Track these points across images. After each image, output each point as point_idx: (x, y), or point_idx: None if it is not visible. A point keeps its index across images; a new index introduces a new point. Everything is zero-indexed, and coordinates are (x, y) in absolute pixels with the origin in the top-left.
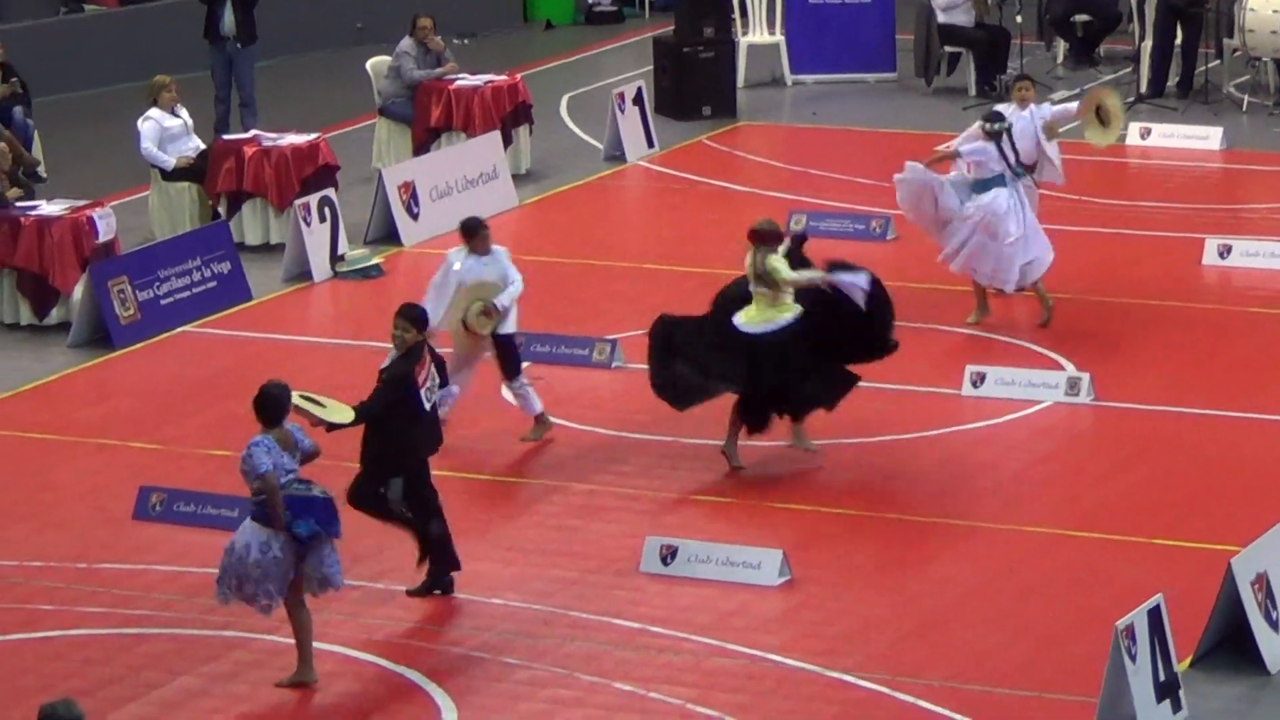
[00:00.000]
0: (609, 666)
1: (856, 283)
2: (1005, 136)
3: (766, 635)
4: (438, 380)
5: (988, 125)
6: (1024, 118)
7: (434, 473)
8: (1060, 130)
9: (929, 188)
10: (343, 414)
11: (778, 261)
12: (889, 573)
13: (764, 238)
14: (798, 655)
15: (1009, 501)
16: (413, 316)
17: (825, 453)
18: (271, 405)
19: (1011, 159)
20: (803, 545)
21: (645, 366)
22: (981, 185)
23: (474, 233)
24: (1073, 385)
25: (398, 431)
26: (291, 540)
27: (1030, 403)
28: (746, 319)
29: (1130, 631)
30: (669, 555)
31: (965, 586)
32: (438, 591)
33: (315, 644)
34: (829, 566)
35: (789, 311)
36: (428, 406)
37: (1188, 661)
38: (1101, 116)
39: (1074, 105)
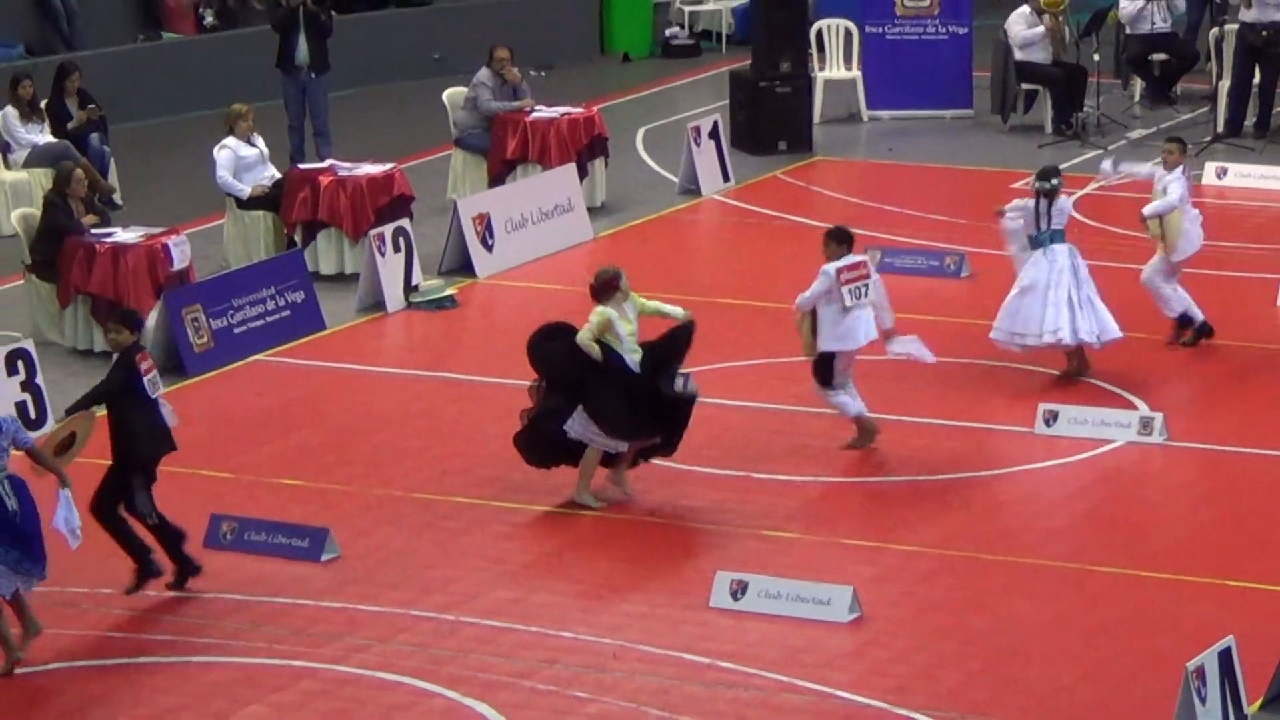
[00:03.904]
0: (677, 701)
1: None
2: (1049, 197)
3: (836, 672)
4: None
5: (1038, 183)
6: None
7: (515, 505)
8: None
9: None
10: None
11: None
12: (959, 610)
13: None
14: (867, 692)
15: (1080, 541)
16: (126, 320)
17: (893, 490)
18: None
19: (1045, 223)
20: (873, 581)
21: (717, 401)
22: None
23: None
24: (1145, 425)
25: (128, 420)
26: None
27: (1103, 442)
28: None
29: (1201, 673)
30: (739, 590)
31: (1035, 625)
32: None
33: (384, 674)
34: (899, 603)
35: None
36: (152, 394)
37: (1258, 704)
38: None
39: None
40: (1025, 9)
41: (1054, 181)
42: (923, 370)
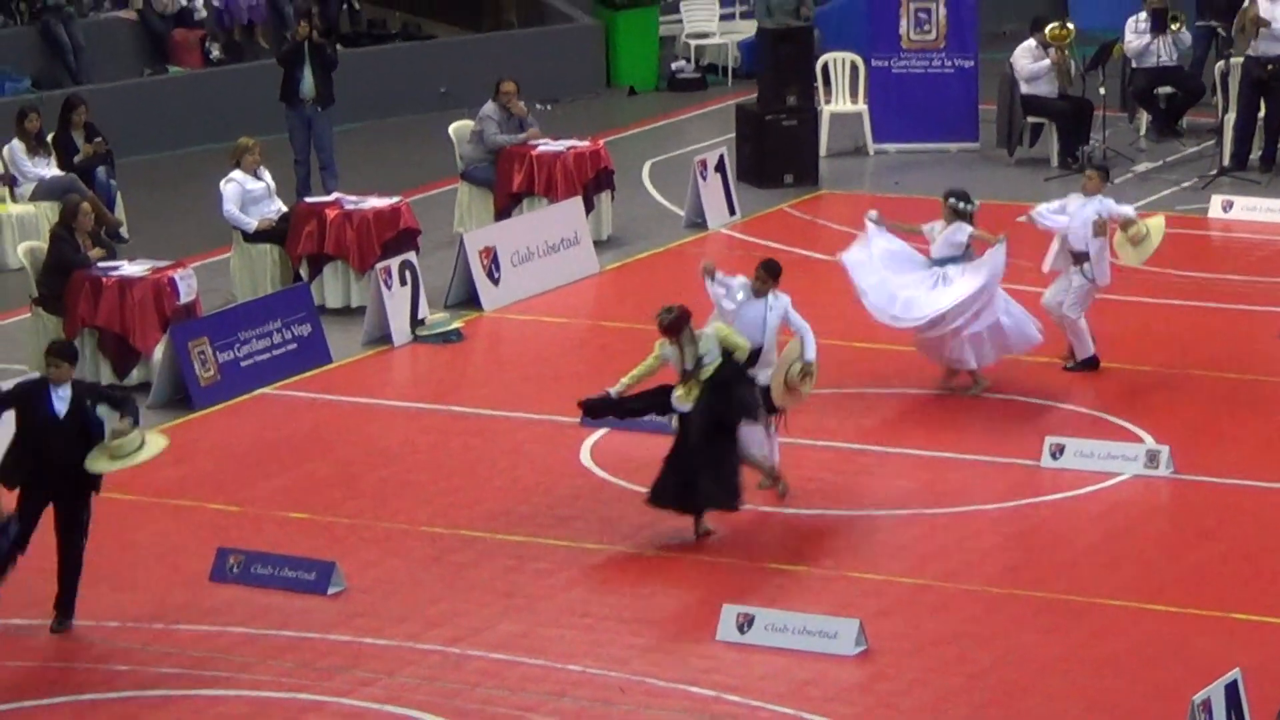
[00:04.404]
0: None
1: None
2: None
3: (843, 705)
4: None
5: (958, 204)
6: (1089, 206)
7: (523, 539)
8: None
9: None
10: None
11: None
12: (966, 644)
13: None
14: None
15: (1087, 574)
16: (63, 353)
17: (899, 523)
18: None
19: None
20: (880, 615)
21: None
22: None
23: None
24: (1152, 458)
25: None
26: None
27: (1109, 475)
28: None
29: (1207, 706)
30: (746, 623)
31: (1042, 658)
32: None
33: (390, 708)
34: (906, 637)
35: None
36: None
37: None
38: (1135, 240)
39: (1129, 213)
40: (1031, 42)
41: (971, 204)
42: (928, 403)
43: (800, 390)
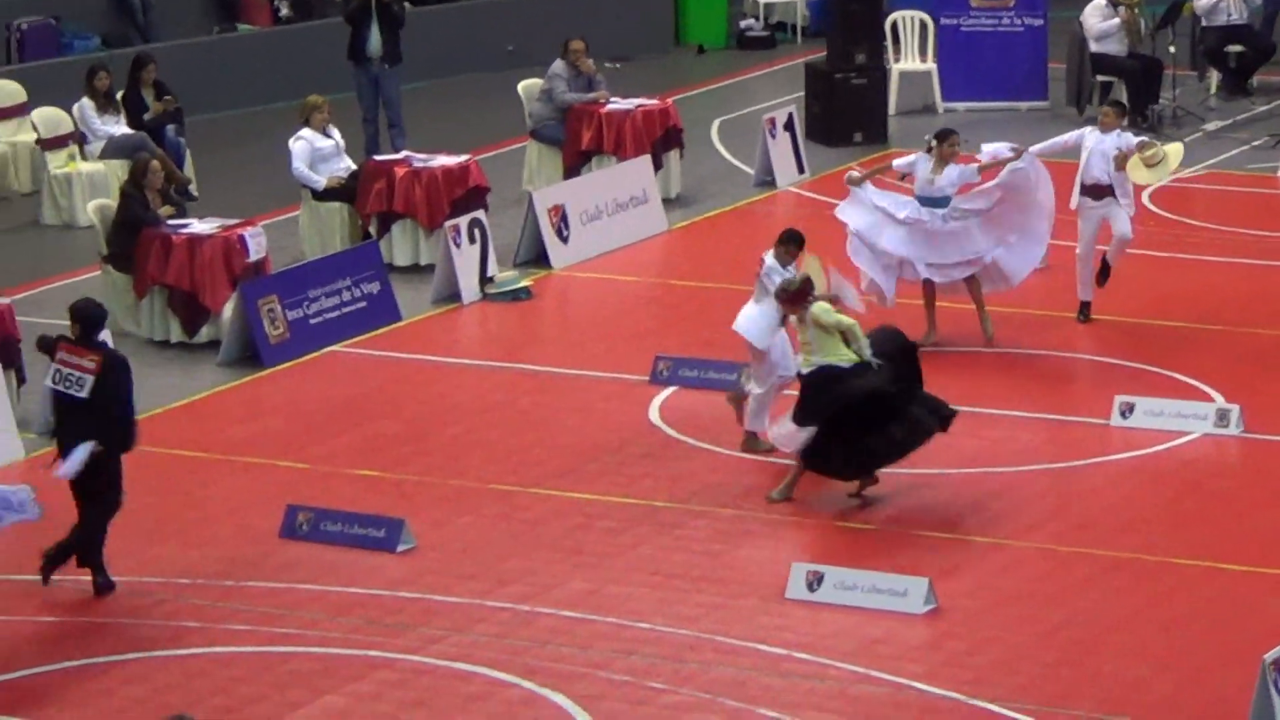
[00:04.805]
0: (754, 693)
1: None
2: None
3: (912, 663)
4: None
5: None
6: (1106, 140)
7: (592, 496)
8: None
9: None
10: None
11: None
12: (1035, 602)
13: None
14: (942, 684)
15: (1157, 533)
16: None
17: (969, 482)
18: None
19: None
20: (949, 573)
21: (792, 394)
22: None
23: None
24: (1222, 417)
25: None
26: None
27: (1179, 434)
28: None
29: (1278, 665)
30: (815, 582)
31: (1111, 617)
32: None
33: (460, 665)
34: (975, 595)
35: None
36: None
37: None
38: (1150, 162)
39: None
40: (1101, 1)
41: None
42: (997, 362)
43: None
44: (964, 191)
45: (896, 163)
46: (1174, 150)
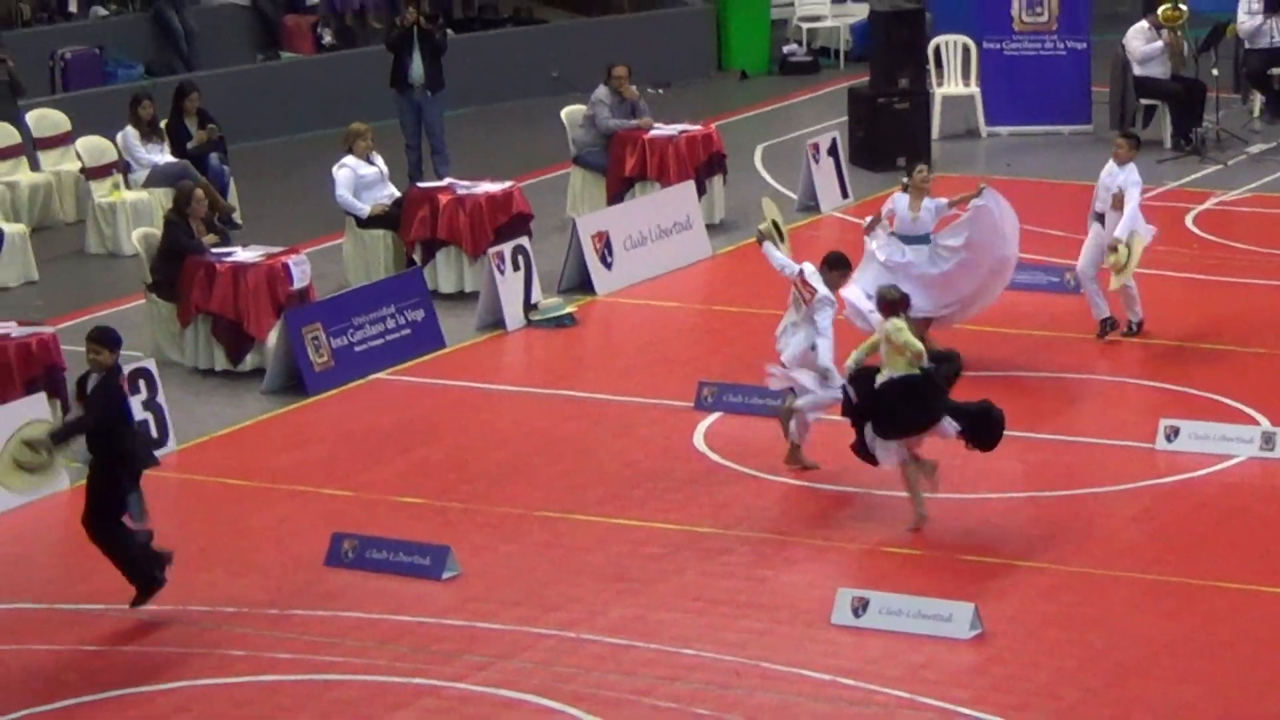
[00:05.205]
0: (799, 718)
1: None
2: None
3: (957, 688)
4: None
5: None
6: (1119, 175)
7: (636, 522)
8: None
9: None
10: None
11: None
12: (1080, 626)
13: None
14: (988, 709)
15: (1202, 557)
16: (104, 339)
17: (1013, 506)
18: None
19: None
20: (994, 598)
21: (835, 418)
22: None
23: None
24: (1268, 440)
25: (118, 438)
26: None
27: (1224, 457)
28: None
29: None
30: (860, 607)
31: (1158, 641)
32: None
33: (505, 692)
34: (1020, 620)
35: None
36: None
37: None
38: (1114, 268)
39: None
40: (1144, 24)
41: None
42: (1041, 385)
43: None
44: (940, 227)
45: (884, 208)
46: (1137, 243)
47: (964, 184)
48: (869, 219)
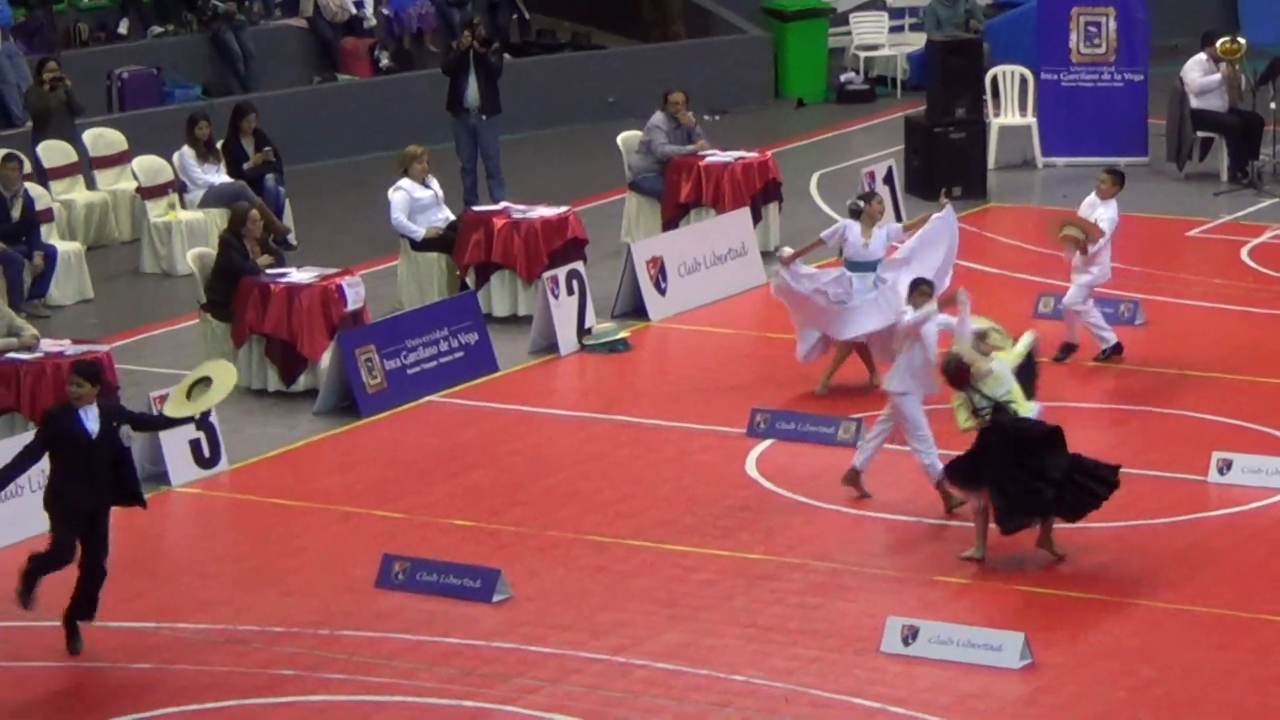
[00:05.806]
0: None
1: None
2: None
3: (1007, 718)
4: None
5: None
6: (1099, 209)
7: (687, 549)
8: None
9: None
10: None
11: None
12: (1131, 658)
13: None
14: None
15: (1254, 589)
16: (88, 372)
17: (1064, 536)
18: None
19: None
20: (1044, 628)
21: (893, 447)
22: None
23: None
24: None
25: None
26: None
27: (1276, 491)
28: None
29: None
30: (910, 636)
31: (1207, 674)
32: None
33: (555, 715)
34: (1071, 651)
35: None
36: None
37: None
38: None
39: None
40: (1202, 56)
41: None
42: (1094, 417)
43: None
44: (889, 253)
45: (824, 234)
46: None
47: (1020, 215)
48: (786, 250)
